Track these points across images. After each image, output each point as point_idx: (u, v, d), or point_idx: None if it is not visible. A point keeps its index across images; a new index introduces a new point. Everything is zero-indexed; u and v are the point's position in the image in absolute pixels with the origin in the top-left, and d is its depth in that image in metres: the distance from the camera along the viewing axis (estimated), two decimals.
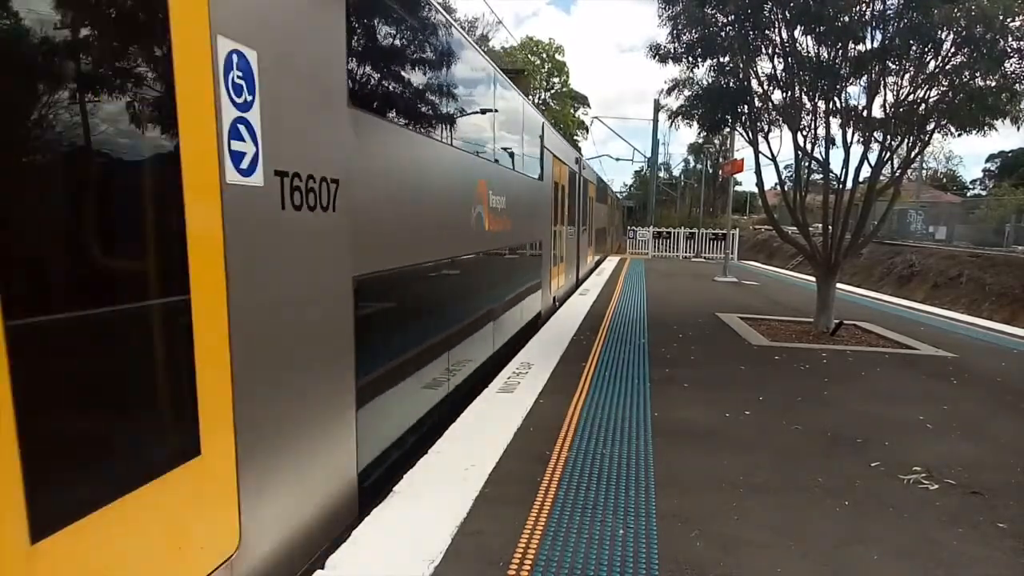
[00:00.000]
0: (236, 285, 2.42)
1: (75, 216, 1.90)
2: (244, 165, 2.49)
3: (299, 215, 2.90)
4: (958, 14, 7.11)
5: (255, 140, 2.56)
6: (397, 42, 4.48)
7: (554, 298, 11.91)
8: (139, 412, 2.11)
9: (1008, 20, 7.30)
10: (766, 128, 9.79)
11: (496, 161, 7.29)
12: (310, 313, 3.09)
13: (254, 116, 2.54)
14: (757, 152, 9.93)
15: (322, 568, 2.82)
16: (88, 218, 1.94)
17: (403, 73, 4.56)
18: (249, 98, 2.51)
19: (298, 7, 2.97)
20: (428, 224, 4.90)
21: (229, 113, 2.39)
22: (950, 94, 8.20)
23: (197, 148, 2.23)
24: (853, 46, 8.46)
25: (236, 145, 2.44)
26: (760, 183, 10.98)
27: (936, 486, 3.97)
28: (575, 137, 45.84)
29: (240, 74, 2.46)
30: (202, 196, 2.27)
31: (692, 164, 68.61)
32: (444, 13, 5.30)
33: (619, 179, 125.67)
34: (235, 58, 2.41)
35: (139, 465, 2.03)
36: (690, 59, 9.14)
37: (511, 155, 8.27)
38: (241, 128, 2.47)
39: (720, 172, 45.44)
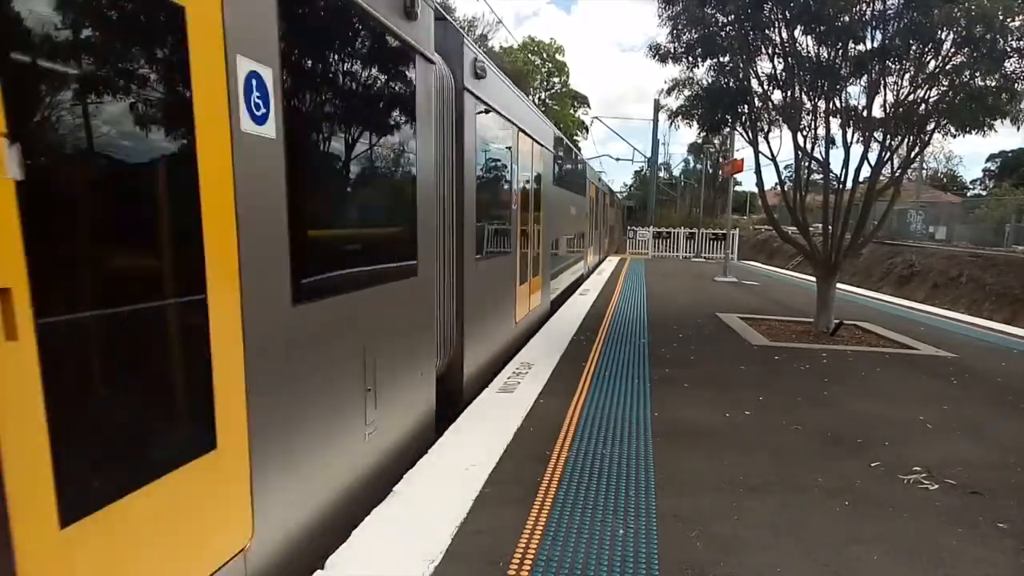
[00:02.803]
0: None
1: None
2: None
3: None
4: (958, 14, 7.10)
5: None
6: None
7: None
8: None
9: (1008, 20, 7.29)
10: (766, 128, 9.78)
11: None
12: None
13: None
14: (757, 152, 9.93)
15: (322, 568, 2.81)
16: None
17: None
18: None
19: None
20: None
21: None
22: (950, 94, 8.19)
23: None
24: (853, 46, 8.45)
25: None
26: (760, 183, 10.98)
27: (936, 486, 3.97)
28: (575, 137, 45.83)
29: None
30: None
31: (692, 164, 68.59)
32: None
33: (619, 179, 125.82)
34: None
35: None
36: (690, 59, 9.14)
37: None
38: None
39: (720, 172, 45.41)
